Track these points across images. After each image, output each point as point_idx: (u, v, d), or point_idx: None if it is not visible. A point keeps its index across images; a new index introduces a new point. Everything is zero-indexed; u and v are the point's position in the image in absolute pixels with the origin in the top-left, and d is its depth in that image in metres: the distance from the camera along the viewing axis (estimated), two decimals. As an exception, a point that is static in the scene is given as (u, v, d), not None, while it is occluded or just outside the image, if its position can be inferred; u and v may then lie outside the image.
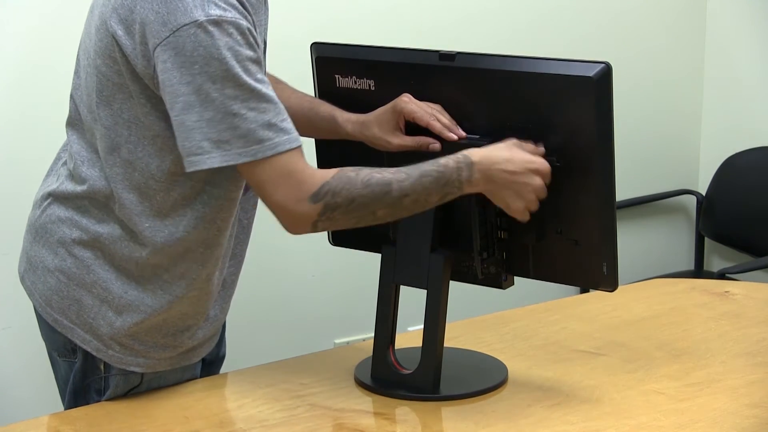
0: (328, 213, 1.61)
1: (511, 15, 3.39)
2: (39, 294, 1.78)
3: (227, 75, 1.55)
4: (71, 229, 1.74)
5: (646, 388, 1.78)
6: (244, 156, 1.57)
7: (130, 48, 1.59)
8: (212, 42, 1.54)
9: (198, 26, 1.53)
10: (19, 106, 2.73)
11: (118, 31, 1.60)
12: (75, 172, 1.74)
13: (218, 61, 1.54)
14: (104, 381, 1.77)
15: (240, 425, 1.70)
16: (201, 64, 1.54)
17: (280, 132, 1.59)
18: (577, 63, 1.65)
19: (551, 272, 1.77)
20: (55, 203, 1.77)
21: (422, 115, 1.74)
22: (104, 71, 1.64)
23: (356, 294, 3.12)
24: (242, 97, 1.56)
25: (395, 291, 1.80)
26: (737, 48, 3.70)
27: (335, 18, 3.06)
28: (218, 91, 1.54)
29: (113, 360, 1.75)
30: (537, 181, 1.66)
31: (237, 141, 1.56)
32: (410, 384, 1.77)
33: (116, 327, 1.73)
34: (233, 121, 1.55)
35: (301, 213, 1.61)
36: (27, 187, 2.71)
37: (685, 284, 2.34)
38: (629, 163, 3.46)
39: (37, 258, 1.79)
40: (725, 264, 3.75)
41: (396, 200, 1.62)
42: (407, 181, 1.62)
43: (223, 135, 1.56)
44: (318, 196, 1.60)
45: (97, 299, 1.73)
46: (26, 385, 2.81)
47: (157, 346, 1.76)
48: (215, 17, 1.54)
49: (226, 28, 1.55)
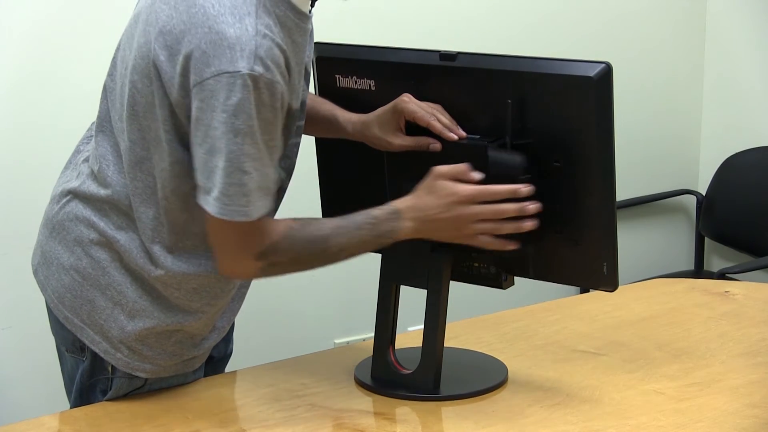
0: (269, 269, 1.66)
1: (511, 15, 3.39)
2: (52, 290, 1.78)
3: (249, 131, 1.56)
4: (89, 230, 1.74)
5: (646, 388, 1.78)
6: (241, 215, 1.58)
7: (169, 75, 1.59)
8: (246, 96, 1.54)
9: (239, 77, 1.54)
10: (18, 112, 2.72)
11: (160, 56, 1.59)
12: (99, 174, 1.74)
13: (246, 116, 1.55)
14: (110, 382, 1.77)
15: (240, 425, 1.70)
16: (229, 114, 1.54)
17: (266, 195, 1.61)
18: (577, 63, 1.64)
19: (551, 272, 1.77)
20: (75, 201, 1.76)
21: (422, 115, 1.74)
22: (139, 88, 1.64)
23: (356, 294, 3.12)
24: (255, 156, 1.57)
25: (395, 291, 1.80)
26: (737, 48, 3.70)
27: (335, 18, 3.06)
28: (237, 145, 1.56)
29: (120, 363, 1.75)
30: (469, 210, 1.65)
31: (239, 198, 1.58)
32: (410, 384, 1.77)
33: (127, 331, 1.73)
34: (242, 178, 1.57)
35: (242, 271, 1.67)
36: (26, 188, 2.72)
37: (685, 284, 2.34)
38: (629, 163, 3.46)
39: (52, 254, 1.78)
40: (725, 264, 3.75)
41: (333, 255, 1.68)
42: (344, 237, 1.66)
43: (229, 189, 1.57)
44: (262, 255, 1.64)
45: (110, 302, 1.73)
46: (26, 385, 2.81)
47: (165, 353, 1.76)
48: (257, 74, 1.55)
49: (261, 87, 1.55)
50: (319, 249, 1.66)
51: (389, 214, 1.67)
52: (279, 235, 1.64)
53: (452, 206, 1.66)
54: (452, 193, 1.66)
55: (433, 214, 1.66)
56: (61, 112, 2.73)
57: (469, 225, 1.66)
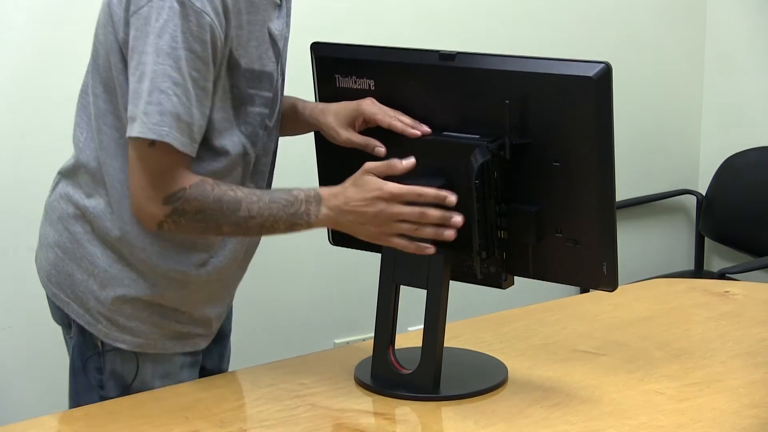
0: (175, 217, 1.65)
1: (511, 15, 3.39)
2: (42, 270, 1.84)
3: (172, 53, 1.58)
4: (67, 205, 1.79)
5: (646, 388, 1.78)
6: (153, 133, 1.59)
7: (118, 16, 1.64)
8: (171, 17, 1.58)
9: (168, 0, 1.57)
10: (17, 112, 2.73)
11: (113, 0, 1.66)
12: (75, 142, 1.79)
13: (170, 37, 1.58)
14: (102, 358, 1.79)
15: (240, 425, 1.70)
16: (155, 35, 1.58)
17: (185, 131, 1.61)
18: (577, 63, 1.64)
19: (551, 272, 1.76)
20: (62, 181, 1.82)
21: (383, 117, 1.76)
22: (100, 39, 1.70)
23: (356, 294, 3.12)
24: (177, 80, 1.59)
25: (395, 291, 1.80)
26: (737, 48, 3.70)
27: (335, 18, 3.06)
28: (159, 65, 1.58)
29: (101, 334, 1.78)
30: (392, 209, 1.65)
31: (155, 116, 1.59)
32: (410, 384, 1.77)
33: (101, 300, 1.76)
34: (160, 97, 1.58)
35: (150, 210, 1.65)
36: (26, 188, 2.72)
37: (685, 284, 2.34)
38: (629, 163, 3.47)
39: (43, 235, 1.84)
40: (725, 264, 3.75)
41: (242, 220, 1.66)
42: (256, 204, 1.66)
43: (148, 108, 1.59)
44: (170, 199, 1.63)
45: (85, 273, 1.77)
46: (26, 385, 2.82)
47: (145, 325, 1.78)
48: (185, 0, 1.58)
49: (189, 13, 1.58)
50: (228, 209, 1.65)
51: (309, 197, 1.68)
52: (190, 183, 1.64)
53: (375, 201, 1.66)
54: (377, 188, 1.66)
55: (354, 206, 1.66)
56: (60, 112, 2.72)
57: (390, 223, 1.66)
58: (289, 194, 1.67)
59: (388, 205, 1.66)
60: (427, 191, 1.65)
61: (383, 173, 1.67)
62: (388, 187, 1.66)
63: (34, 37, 2.70)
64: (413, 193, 1.65)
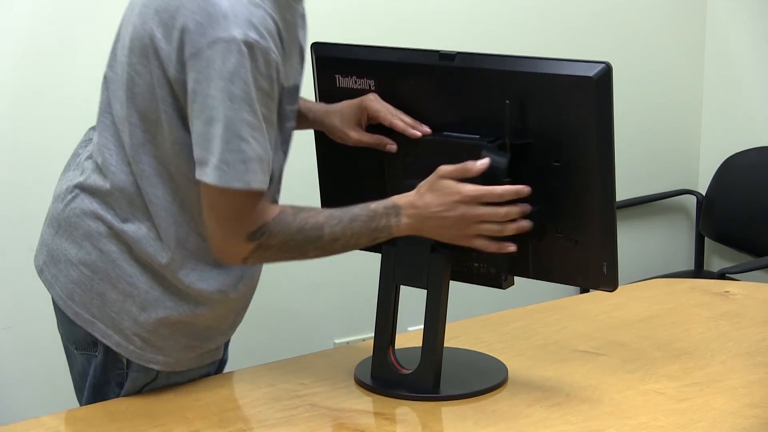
0: (261, 252, 1.64)
1: (511, 15, 3.39)
2: (60, 287, 1.78)
3: (246, 98, 1.56)
4: (97, 223, 1.74)
5: (646, 388, 1.78)
6: (238, 182, 1.58)
7: (166, 52, 1.60)
8: (241, 62, 1.55)
9: (234, 44, 1.54)
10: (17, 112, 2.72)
11: (157, 33, 1.60)
12: (103, 165, 1.74)
13: (243, 82, 1.55)
14: (125, 375, 1.77)
15: (240, 425, 1.70)
16: (224, 80, 1.55)
17: (266, 170, 1.60)
18: (577, 63, 1.64)
19: (551, 272, 1.76)
20: (81, 196, 1.76)
21: (385, 114, 1.76)
22: (138, 70, 1.65)
23: (356, 294, 3.12)
24: (253, 124, 1.57)
25: (395, 291, 1.80)
26: (737, 48, 3.70)
27: (335, 18, 3.06)
28: (234, 111, 1.56)
29: (133, 356, 1.75)
30: (474, 211, 1.65)
31: (238, 165, 1.57)
32: (410, 384, 1.77)
33: (140, 322, 1.73)
34: (240, 144, 1.57)
35: (235, 251, 1.65)
36: (26, 188, 2.72)
37: (685, 284, 2.34)
38: (629, 163, 3.46)
39: (59, 251, 1.78)
40: (725, 264, 3.75)
41: (327, 243, 1.66)
42: (338, 226, 1.66)
43: (227, 156, 1.57)
44: (254, 235, 1.63)
45: (121, 294, 1.73)
46: (26, 385, 2.81)
47: (178, 345, 1.76)
48: (251, 41, 1.55)
49: (257, 53, 1.56)
50: (312, 236, 1.65)
51: (388, 209, 1.67)
52: (273, 216, 1.63)
53: (456, 205, 1.65)
54: (456, 192, 1.65)
55: (435, 212, 1.66)
56: (60, 112, 2.73)
57: (472, 225, 1.66)
58: (367, 209, 1.67)
59: (470, 208, 1.65)
60: (507, 189, 1.65)
61: (458, 176, 1.66)
62: (467, 190, 1.65)
63: (34, 37, 2.70)
64: (493, 194, 1.65)
